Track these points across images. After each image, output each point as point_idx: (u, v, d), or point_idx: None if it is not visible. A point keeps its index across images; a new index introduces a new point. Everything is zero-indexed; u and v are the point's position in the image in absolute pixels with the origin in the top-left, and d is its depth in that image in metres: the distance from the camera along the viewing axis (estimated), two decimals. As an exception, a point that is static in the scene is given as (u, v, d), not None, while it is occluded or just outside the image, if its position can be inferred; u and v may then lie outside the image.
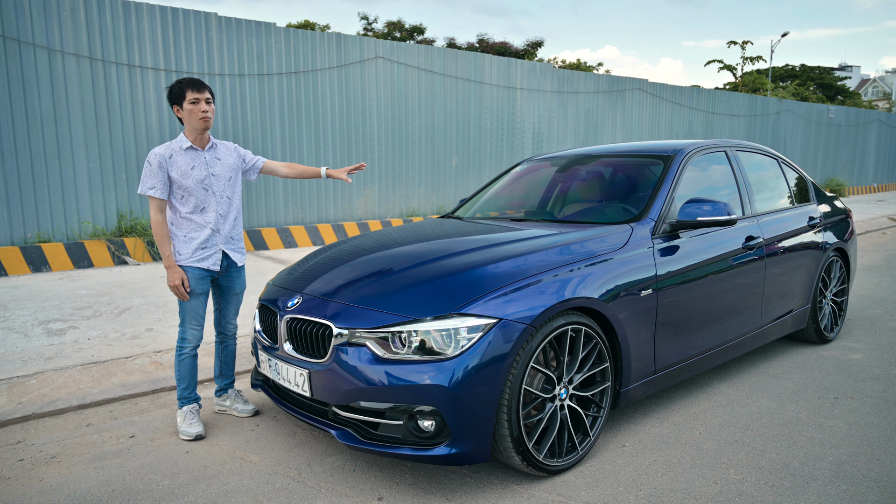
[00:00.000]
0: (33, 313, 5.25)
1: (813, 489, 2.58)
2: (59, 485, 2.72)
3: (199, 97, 3.08)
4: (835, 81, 45.59)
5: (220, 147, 3.29)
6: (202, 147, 3.18)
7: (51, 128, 7.44)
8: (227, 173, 3.26)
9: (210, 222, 3.17)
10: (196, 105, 3.07)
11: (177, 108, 3.12)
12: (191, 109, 3.07)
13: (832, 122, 21.13)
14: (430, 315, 2.50)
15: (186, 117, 3.10)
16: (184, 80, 3.12)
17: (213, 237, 3.19)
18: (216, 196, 3.19)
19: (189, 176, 3.11)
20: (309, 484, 2.69)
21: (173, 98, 3.11)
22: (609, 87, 14.19)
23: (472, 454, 2.45)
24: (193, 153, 3.15)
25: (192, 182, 3.11)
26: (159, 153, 3.08)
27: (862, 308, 5.71)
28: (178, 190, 3.12)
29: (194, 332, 3.22)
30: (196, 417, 3.23)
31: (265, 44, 9.03)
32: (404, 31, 28.20)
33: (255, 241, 8.98)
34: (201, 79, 3.79)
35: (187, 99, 3.06)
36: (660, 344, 3.15)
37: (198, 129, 3.12)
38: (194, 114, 3.08)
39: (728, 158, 4.06)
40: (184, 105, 3.08)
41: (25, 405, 3.55)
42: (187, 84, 3.08)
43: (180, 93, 3.08)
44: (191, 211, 3.14)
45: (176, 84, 3.11)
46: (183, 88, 3.07)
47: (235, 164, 3.32)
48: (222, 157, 3.27)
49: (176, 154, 3.11)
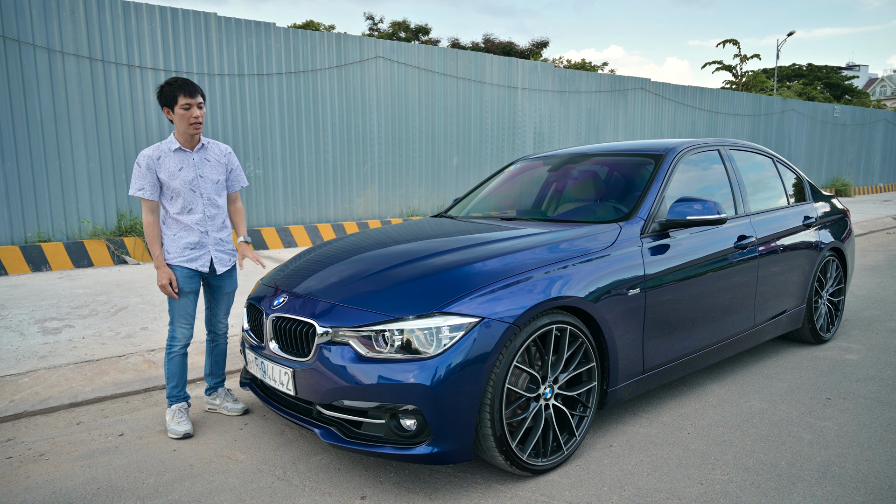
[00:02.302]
0: (30, 312, 5.27)
1: (799, 490, 2.56)
2: (45, 482, 2.73)
3: (192, 102, 3.04)
4: (842, 81, 45.34)
5: (211, 148, 3.27)
6: (191, 148, 3.17)
7: (51, 128, 7.48)
8: (216, 175, 3.25)
9: (197, 223, 3.17)
10: (188, 111, 3.05)
11: (167, 111, 3.10)
12: (182, 115, 3.05)
13: (837, 121, 21.00)
14: (413, 314, 2.49)
15: (177, 121, 3.08)
16: (175, 82, 3.06)
17: (201, 238, 3.19)
18: (203, 198, 3.19)
19: (177, 177, 3.10)
20: (293, 482, 2.69)
21: (164, 100, 3.08)
22: (611, 87, 14.15)
23: (454, 453, 2.45)
24: (182, 154, 3.15)
25: (180, 183, 3.11)
26: (147, 154, 3.08)
27: (861, 308, 5.67)
28: (167, 191, 3.13)
29: (184, 330, 3.22)
30: (185, 416, 3.23)
31: (265, 44, 9.04)
32: (409, 32, 28.22)
33: (255, 240, 9.00)
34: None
35: (179, 104, 3.03)
36: (648, 343, 3.13)
37: (188, 134, 3.12)
38: (185, 119, 3.06)
39: (721, 157, 4.04)
40: (175, 109, 3.05)
41: (17, 403, 3.57)
42: (179, 88, 3.03)
43: (172, 97, 3.04)
44: (178, 212, 3.14)
45: (167, 87, 3.06)
46: (175, 92, 3.03)
47: (224, 166, 3.30)
48: (212, 159, 3.25)
49: (164, 155, 3.10)
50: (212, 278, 3.33)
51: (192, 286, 3.21)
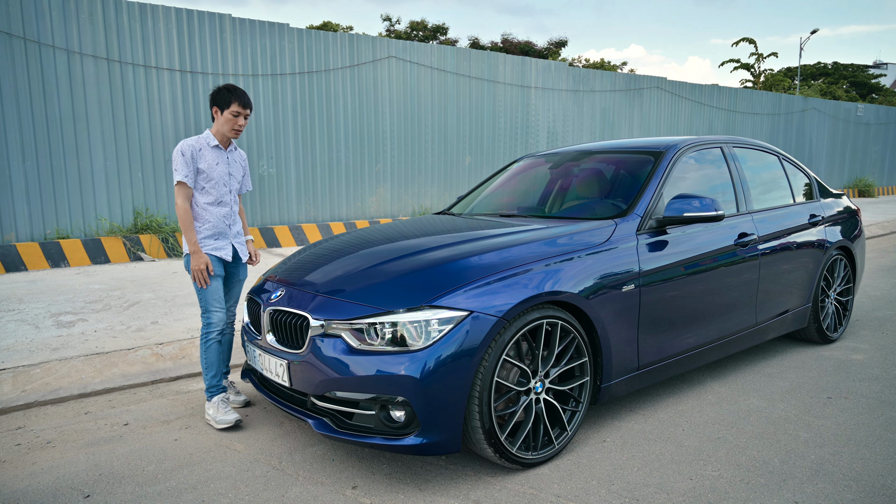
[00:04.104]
0: (46, 306, 5.42)
1: (789, 487, 2.55)
2: (50, 468, 2.82)
3: (242, 112, 3.26)
4: (868, 79, 44.42)
5: (237, 151, 3.51)
6: (225, 148, 3.39)
7: (69, 127, 7.67)
8: (239, 175, 3.50)
9: (224, 216, 3.37)
10: (236, 118, 3.26)
11: (216, 110, 3.27)
12: (230, 120, 3.25)
13: (861, 120, 20.62)
14: (404, 307, 2.53)
15: (222, 123, 3.27)
16: (234, 90, 3.26)
17: (224, 230, 3.38)
18: (231, 193, 3.42)
19: (215, 170, 3.31)
20: (287, 472, 2.75)
21: (218, 101, 3.25)
22: (626, 86, 14.07)
23: (442, 444, 2.48)
24: (218, 151, 3.35)
25: (217, 175, 3.31)
26: (190, 144, 3.25)
27: (873, 308, 5.59)
28: (203, 182, 3.30)
29: (218, 314, 3.34)
30: (228, 406, 3.31)
31: (278, 44, 9.16)
32: (427, 31, 28.30)
33: (268, 238, 9.12)
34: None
35: (231, 109, 3.23)
36: (644, 340, 3.13)
37: (228, 137, 3.33)
38: (231, 124, 3.27)
39: (724, 155, 4.02)
40: (224, 112, 3.24)
41: (28, 393, 3.68)
42: (237, 97, 3.24)
43: (227, 101, 3.23)
44: (210, 202, 3.32)
45: (226, 90, 3.25)
46: (231, 99, 3.23)
47: (243, 169, 3.55)
48: (237, 160, 3.49)
49: (204, 148, 3.30)
50: (229, 266, 3.49)
51: (220, 271, 3.37)
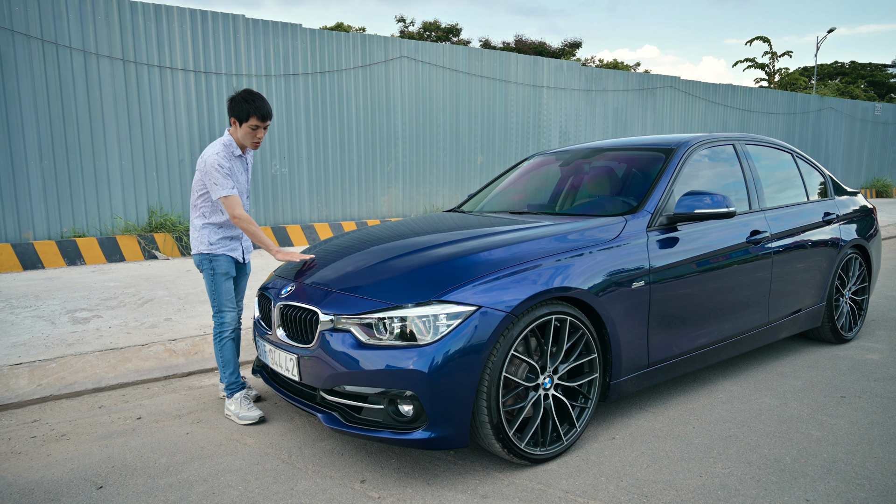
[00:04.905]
0: (62, 303, 5.50)
1: (800, 485, 2.52)
2: (64, 460, 2.86)
3: (261, 125, 3.24)
4: (887, 78, 43.81)
5: (250, 156, 3.54)
6: (244, 153, 3.43)
7: (86, 127, 7.77)
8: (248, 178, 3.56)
9: None
10: (255, 131, 3.26)
11: (234, 121, 3.24)
12: (249, 133, 3.26)
13: (879, 119, 20.34)
14: (412, 302, 2.54)
15: (242, 135, 3.27)
16: (251, 100, 3.19)
17: (235, 232, 3.43)
18: (245, 197, 3.46)
19: (239, 180, 3.36)
20: (297, 466, 2.77)
21: (237, 113, 3.21)
22: (639, 86, 13.99)
23: (450, 439, 2.49)
24: (241, 160, 3.39)
25: (240, 184, 3.36)
26: (225, 156, 3.24)
27: (889, 309, 5.52)
28: None
29: (232, 313, 3.39)
30: (250, 402, 3.34)
31: (291, 44, 9.22)
32: (440, 32, 28.34)
33: (280, 237, 9.18)
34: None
35: (250, 123, 3.21)
36: (654, 337, 3.12)
37: (246, 147, 3.36)
38: (250, 137, 3.28)
39: (737, 152, 3.99)
40: (243, 125, 3.23)
41: (44, 387, 3.74)
42: (256, 110, 3.18)
43: (246, 114, 3.19)
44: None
45: (244, 103, 3.19)
46: (250, 112, 3.18)
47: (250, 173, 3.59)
48: (250, 165, 3.54)
49: (233, 158, 3.33)
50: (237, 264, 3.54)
51: (232, 272, 3.42)
